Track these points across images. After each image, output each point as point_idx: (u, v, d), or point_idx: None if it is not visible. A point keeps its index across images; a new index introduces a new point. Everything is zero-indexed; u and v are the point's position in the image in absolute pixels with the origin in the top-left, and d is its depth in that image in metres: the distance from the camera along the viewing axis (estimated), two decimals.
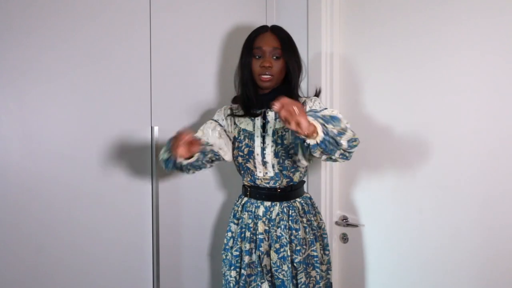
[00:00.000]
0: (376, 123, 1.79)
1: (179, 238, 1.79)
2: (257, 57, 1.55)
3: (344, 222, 1.90)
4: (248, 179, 1.59)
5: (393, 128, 1.73)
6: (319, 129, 1.18)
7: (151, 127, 1.68)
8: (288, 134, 1.56)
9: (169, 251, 1.75)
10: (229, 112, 1.65)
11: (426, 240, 1.66)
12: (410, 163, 1.69)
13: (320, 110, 1.34)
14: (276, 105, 1.11)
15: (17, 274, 1.41)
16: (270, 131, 1.57)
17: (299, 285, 1.53)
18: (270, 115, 1.58)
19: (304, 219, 1.60)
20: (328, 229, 1.91)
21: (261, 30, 1.57)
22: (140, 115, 1.66)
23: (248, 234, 1.55)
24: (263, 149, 1.56)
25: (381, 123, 1.77)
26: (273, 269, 1.53)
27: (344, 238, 1.92)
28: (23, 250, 1.42)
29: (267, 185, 1.57)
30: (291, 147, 1.56)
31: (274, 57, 1.54)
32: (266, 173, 1.56)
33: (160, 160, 1.49)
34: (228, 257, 1.61)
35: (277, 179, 1.56)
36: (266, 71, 1.53)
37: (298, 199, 1.61)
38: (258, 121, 1.59)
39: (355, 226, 1.88)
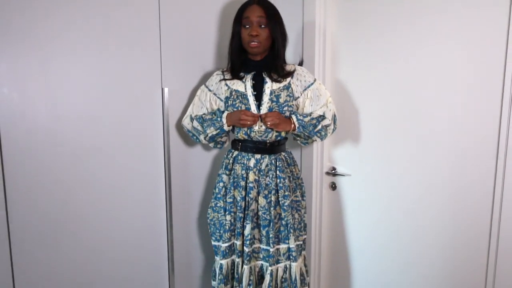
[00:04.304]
0: (363, 86, 1.81)
1: (189, 186, 1.90)
2: (245, 26, 1.59)
3: (333, 172, 1.97)
4: (243, 132, 1.65)
5: (379, 91, 1.76)
6: (297, 126, 1.62)
7: (162, 88, 1.73)
8: (283, 94, 1.64)
9: (180, 200, 1.86)
10: (220, 77, 1.70)
11: (404, 188, 1.73)
12: (392, 122, 1.73)
13: (309, 120, 1.63)
14: (268, 123, 1.57)
15: (43, 226, 1.51)
16: (268, 91, 1.63)
17: (288, 225, 1.64)
18: (267, 80, 1.64)
19: (288, 170, 1.69)
20: (318, 178, 2.01)
21: (249, 3, 1.61)
22: (151, 78, 1.71)
23: (242, 183, 1.64)
24: (258, 105, 1.63)
25: (368, 86, 1.79)
26: (260, 212, 1.63)
27: (333, 186, 1.99)
28: (49, 204, 1.51)
29: (259, 138, 1.64)
30: (284, 105, 1.63)
31: (261, 26, 1.58)
32: (261, 126, 1.63)
33: (205, 136, 1.69)
34: (219, 204, 1.71)
35: (268, 131, 1.63)
36: (254, 39, 1.57)
37: (282, 153, 1.69)
38: (248, 82, 1.65)
39: (342, 175, 1.95)
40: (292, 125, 1.62)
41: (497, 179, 1.46)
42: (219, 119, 1.66)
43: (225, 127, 1.65)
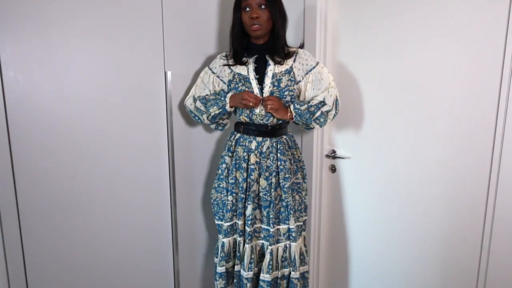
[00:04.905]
0: (364, 69, 1.81)
1: (193, 167, 1.93)
2: (246, 10, 1.58)
3: (333, 155, 1.99)
4: (245, 115, 1.67)
5: (380, 75, 1.76)
6: (293, 115, 1.64)
7: (165, 72, 1.75)
8: (285, 78, 1.64)
9: (183, 181, 1.89)
10: (223, 62, 1.71)
11: (403, 171, 1.75)
12: (392, 105, 1.74)
13: (306, 108, 1.63)
14: (268, 106, 1.58)
15: (56, 196, 1.55)
16: (270, 74, 1.64)
17: (288, 207, 1.68)
18: (270, 62, 1.64)
19: (289, 153, 1.70)
20: (318, 161, 2.03)
21: None
22: (154, 62, 1.72)
23: (244, 165, 1.67)
24: (261, 88, 1.64)
25: (369, 70, 1.79)
26: (261, 193, 1.66)
27: (333, 168, 2.02)
28: (60, 176, 1.55)
29: (261, 121, 1.65)
30: (285, 90, 1.64)
31: (260, 7, 1.57)
32: (262, 109, 1.65)
33: (207, 116, 1.71)
34: (222, 185, 1.74)
35: (269, 115, 1.64)
36: (254, 22, 1.57)
37: (284, 136, 1.71)
38: (251, 65, 1.65)
39: (342, 158, 1.97)
40: (289, 114, 1.63)
41: (493, 166, 1.48)
42: (222, 98, 1.68)
43: (227, 107, 1.67)
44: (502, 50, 1.41)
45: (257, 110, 1.64)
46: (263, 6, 1.57)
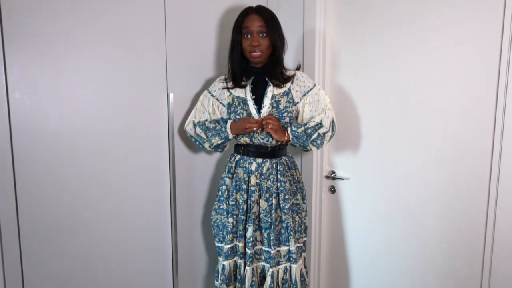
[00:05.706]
0: (362, 91, 1.83)
1: (193, 189, 1.93)
2: (246, 36, 1.61)
3: (332, 176, 2.00)
4: (246, 136, 1.67)
5: (378, 96, 1.78)
6: (290, 137, 1.65)
7: (167, 94, 1.77)
8: (283, 100, 1.66)
9: (184, 202, 1.90)
10: (223, 85, 1.73)
11: (402, 192, 1.75)
12: (391, 127, 1.75)
13: (303, 130, 1.64)
14: (269, 125, 1.59)
15: (52, 227, 1.55)
16: (269, 94, 1.65)
17: (288, 228, 1.67)
18: (269, 84, 1.66)
19: (289, 174, 1.71)
20: (318, 182, 2.03)
21: (247, 12, 1.61)
22: (157, 84, 1.74)
23: (244, 186, 1.66)
24: (258, 109, 1.65)
25: (367, 91, 1.81)
26: (262, 215, 1.66)
27: (332, 189, 2.02)
28: (62, 196, 1.55)
29: (261, 141, 1.66)
30: (284, 111, 1.66)
31: (261, 35, 1.59)
32: (262, 129, 1.65)
33: (210, 145, 1.73)
34: (222, 207, 1.73)
35: (270, 135, 1.64)
36: (255, 49, 1.60)
37: (283, 157, 1.72)
38: (248, 87, 1.67)
39: (341, 179, 1.98)
40: (286, 137, 1.64)
41: (491, 186, 1.49)
42: (223, 129, 1.68)
43: (230, 137, 1.68)
44: (497, 68, 1.44)
45: (259, 130, 1.65)
46: (264, 34, 1.60)
